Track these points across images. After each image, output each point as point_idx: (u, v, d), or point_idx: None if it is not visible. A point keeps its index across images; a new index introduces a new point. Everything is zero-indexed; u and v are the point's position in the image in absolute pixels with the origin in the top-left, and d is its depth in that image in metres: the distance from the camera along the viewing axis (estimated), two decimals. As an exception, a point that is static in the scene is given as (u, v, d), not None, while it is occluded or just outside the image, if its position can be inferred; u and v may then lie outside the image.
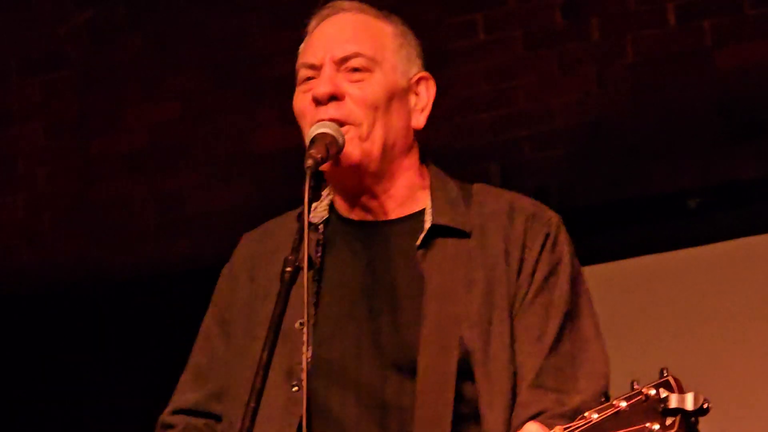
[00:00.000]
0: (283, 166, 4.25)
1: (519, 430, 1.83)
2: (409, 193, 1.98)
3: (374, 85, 1.91)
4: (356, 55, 1.91)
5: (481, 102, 4.07)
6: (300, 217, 1.88)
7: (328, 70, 1.90)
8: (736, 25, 4.18)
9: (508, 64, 4.15)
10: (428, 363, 1.90)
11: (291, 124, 2.04)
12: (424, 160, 2.03)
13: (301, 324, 1.86)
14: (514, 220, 1.99)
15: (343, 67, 1.91)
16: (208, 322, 2.08)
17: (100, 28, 4.53)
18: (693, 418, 1.68)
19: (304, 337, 1.76)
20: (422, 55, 2.05)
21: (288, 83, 2.07)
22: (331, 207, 2.00)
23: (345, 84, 1.90)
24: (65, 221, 4.55)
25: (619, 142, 4.14)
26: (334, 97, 1.87)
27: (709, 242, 4.07)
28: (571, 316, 1.96)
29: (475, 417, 1.91)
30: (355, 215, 1.96)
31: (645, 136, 4.12)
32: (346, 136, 1.88)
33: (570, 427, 1.73)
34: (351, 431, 1.90)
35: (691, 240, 4.07)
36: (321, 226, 1.98)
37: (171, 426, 2.06)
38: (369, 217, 1.95)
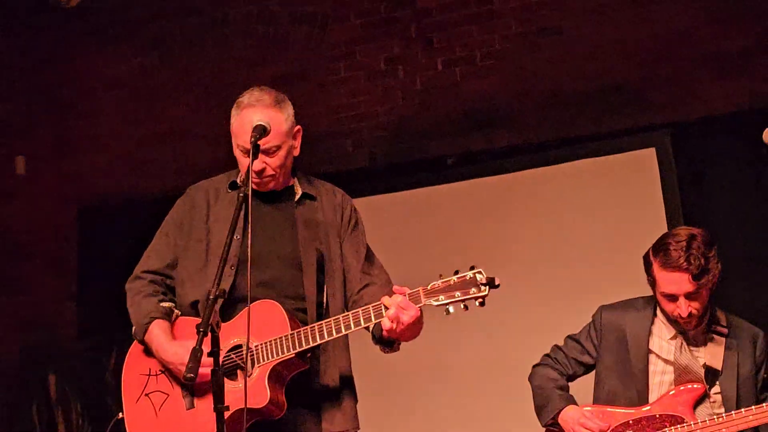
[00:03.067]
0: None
1: (384, 297, 2.93)
2: (285, 179, 3.17)
3: (280, 157, 3.10)
4: (271, 144, 3.06)
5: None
6: (231, 185, 3.20)
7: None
8: (478, 61, 6.13)
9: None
10: (306, 259, 3.13)
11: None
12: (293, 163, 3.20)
13: (237, 238, 3.02)
14: (336, 195, 3.26)
15: (265, 150, 3.06)
16: (169, 224, 3.18)
17: None
18: (492, 288, 2.88)
19: (248, 240, 2.87)
20: (293, 110, 3.17)
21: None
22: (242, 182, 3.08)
23: (267, 159, 3.07)
24: None
25: (412, 130, 6.18)
26: (263, 170, 3.08)
27: (459, 180, 5.96)
28: (367, 246, 3.26)
29: (322, 290, 3.16)
30: (259, 188, 3.13)
31: (426, 126, 6.14)
32: (269, 185, 3.12)
33: (428, 287, 2.92)
34: (266, 295, 3.04)
35: (450, 179, 5.98)
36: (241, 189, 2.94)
37: (141, 278, 3.22)
38: (266, 188, 3.15)
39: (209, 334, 2.65)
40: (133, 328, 3.20)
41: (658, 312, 3.55)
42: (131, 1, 6.91)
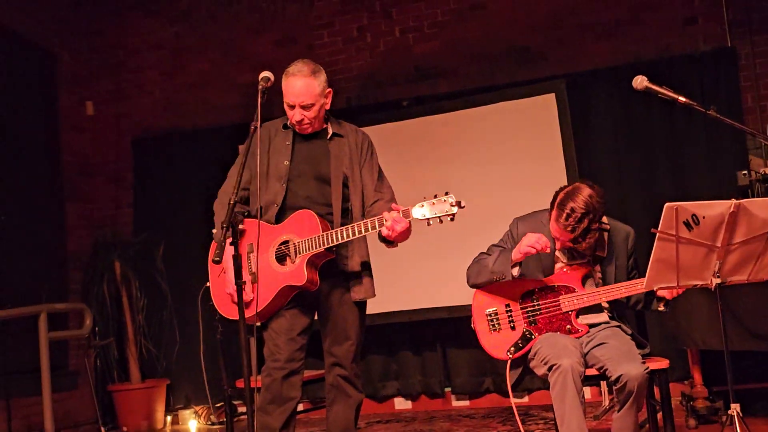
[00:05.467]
0: None
1: (385, 211, 3.37)
2: (320, 125, 3.72)
3: (314, 110, 3.63)
4: (307, 103, 3.59)
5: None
6: (284, 126, 3.64)
7: (297, 108, 3.59)
8: (426, 29, 7.03)
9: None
10: (334, 179, 3.64)
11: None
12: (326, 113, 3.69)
13: (286, 163, 3.62)
14: (357, 134, 3.78)
15: (302, 106, 3.60)
16: (245, 151, 3.41)
17: None
18: (459, 208, 3.23)
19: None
20: (326, 77, 3.64)
21: None
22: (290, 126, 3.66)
23: (305, 112, 3.59)
24: None
25: (377, 81, 7.24)
26: (302, 120, 3.60)
27: (411, 118, 6.78)
28: (379, 169, 3.75)
29: (347, 200, 3.64)
30: (301, 132, 3.68)
31: (387, 77, 7.10)
32: (308, 130, 3.61)
33: (416, 204, 3.29)
34: (304, 204, 3.58)
35: (405, 117, 6.80)
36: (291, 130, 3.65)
37: (226, 191, 3.67)
38: (305, 132, 3.70)
39: (230, 228, 3.18)
40: (215, 229, 3.65)
41: None
42: (168, -17, 7.88)
